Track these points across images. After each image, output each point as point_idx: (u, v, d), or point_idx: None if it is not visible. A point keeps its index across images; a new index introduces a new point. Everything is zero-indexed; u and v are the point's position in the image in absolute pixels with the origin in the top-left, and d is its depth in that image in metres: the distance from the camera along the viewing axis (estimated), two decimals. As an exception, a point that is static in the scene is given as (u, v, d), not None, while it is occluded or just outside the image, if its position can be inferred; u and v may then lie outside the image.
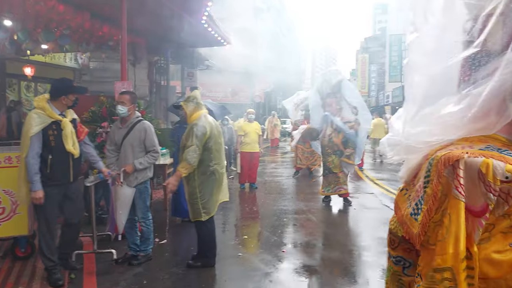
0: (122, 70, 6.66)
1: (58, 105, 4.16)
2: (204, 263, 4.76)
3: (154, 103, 11.21)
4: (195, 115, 4.59)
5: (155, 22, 8.10)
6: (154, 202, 7.79)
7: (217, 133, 4.67)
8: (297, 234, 6.20)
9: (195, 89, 10.68)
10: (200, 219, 4.58)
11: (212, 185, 4.60)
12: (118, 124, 4.78)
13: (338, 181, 7.84)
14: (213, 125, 4.68)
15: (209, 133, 4.51)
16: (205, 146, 4.50)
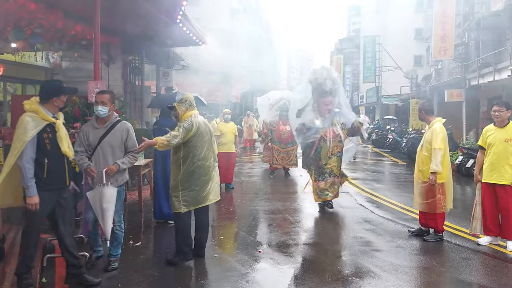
0: (95, 69, 6.55)
1: (50, 107, 4.05)
2: (182, 258, 4.85)
3: (129, 103, 11.05)
4: (186, 114, 4.86)
5: (130, 21, 7.99)
6: (129, 204, 7.70)
7: (204, 132, 4.88)
8: (273, 234, 6.22)
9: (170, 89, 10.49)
10: (180, 211, 4.78)
11: (195, 180, 4.80)
12: (94, 124, 4.60)
13: (333, 186, 7.44)
14: (202, 124, 4.90)
15: (195, 131, 4.75)
16: (189, 141, 4.74)
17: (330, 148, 7.38)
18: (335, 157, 7.44)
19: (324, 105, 7.42)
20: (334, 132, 7.37)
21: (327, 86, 7.40)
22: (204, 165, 4.87)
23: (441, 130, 5.72)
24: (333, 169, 7.43)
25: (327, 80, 7.42)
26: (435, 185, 5.66)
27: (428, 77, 25.15)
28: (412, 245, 5.68)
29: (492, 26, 16.39)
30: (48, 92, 4.09)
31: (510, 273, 4.82)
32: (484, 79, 15.34)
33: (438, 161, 5.57)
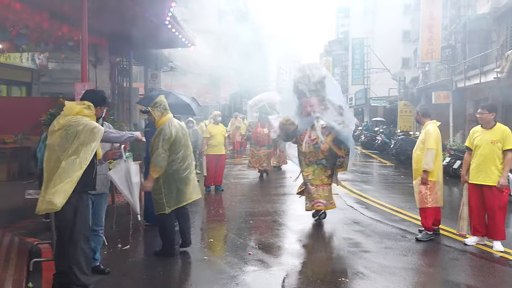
0: (82, 71, 6.50)
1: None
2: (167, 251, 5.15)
3: (117, 105, 10.96)
4: (162, 119, 5.04)
5: (117, 23, 7.94)
6: (117, 207, 7.63)
7: (182, 135, 5.10)
8: (263, 236, 6.21)
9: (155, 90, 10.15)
10: (164, 212, 5.02)
11: (175, 182, 5.05)
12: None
13: (318, 194, 6.66)
14: (179, 128, 5.11)
15: (174, 137, 4.97)
16: (170, 148, 4.97)
17: (308, 154, 6.64)
18: (314, 165, 6.64)
19: (304, 106, 6.71)
20: (310, 137, 6.56)
21: (308, 86, 6.65)
22: (183, 167, 5.08)
23: (434, 131, 5.95)
24: (310, 177, 6.65)
25: (311, 79, 6.66)
26: (427, 182, 5.89)
27: (416, 79, 25.39)
28: (401, 246, 5.71)
29: (478, 29, 16.60)
30: (97, 100, 4.15)
31: (496, 273, 4.88)
32: (471, 81, 15.54)
33: (429, 159, 5.83)
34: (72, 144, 3.74)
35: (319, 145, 6.49)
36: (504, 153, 5.48)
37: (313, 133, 6.53)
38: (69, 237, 3.89)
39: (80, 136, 3.75)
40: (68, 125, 3.80)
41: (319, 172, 6.63)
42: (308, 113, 6.63)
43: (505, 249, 5.45)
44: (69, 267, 3.88)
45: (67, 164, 3.70)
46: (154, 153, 4.90)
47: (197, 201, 8.54)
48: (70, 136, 3.76)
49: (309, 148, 6.59)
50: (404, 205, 8.25)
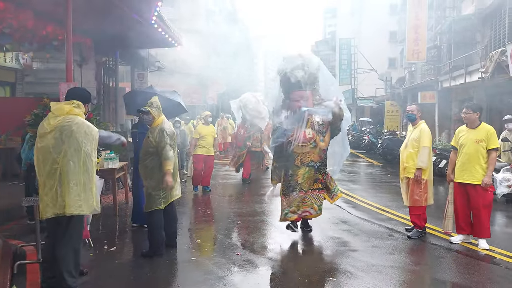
0: (67, 71, 6.42)
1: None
2: (156, 252, 5.18)
3: (102, 105, 10.84)
4: (160, 119, 5.28)
5: (103, 22, 7.85)
6: (103, 208, 7.53)
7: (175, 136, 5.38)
8: (251, 237, 6.20)
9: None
10: (160, 208, 5.18)
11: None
12: None
13: (305, 202, 5.91)
14: (172, 128, 5.39)
15: (172, 138, 5.24)
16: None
17: (300, 155, 5.87)
18: (305, 168, 5.86)
19: (293, 100, 5.98)
20: (305, 135, 5.82)
21: (297, 77, 5.89)
22: (175, 165, 5.31)
23: (429, 131, 6.08)
24: (300, 181, 5.87)
25: (299, 70, 5.92)
26: (420, 180, 5.93)
27: (402, 79, 25.63)
28: (388, 245, 5.75)
29: (463, 29, 16.81)
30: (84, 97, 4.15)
31: (482, 270, 4.94)
32: (456, 81, 15.73)
33: (425, 158, 5.90)
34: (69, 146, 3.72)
35: (316, 144, 5.83)
36: (488, 152, 5.55)
37: (308, 130, 5.80)
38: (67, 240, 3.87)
39: (77, 137, 3.74)
40: (61, 126, 3.78)
41: (309, 176, 5.88)
42: (298, 107, 5.90)
43: (490, 247, 5.53)
44: (61, 271, 3.85)
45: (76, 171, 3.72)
46: (162, 150, 5.04)
47: (185, 202, 8.57)
48: (65, 137, 3.73)
49: (304, 147, 5.83)
50: (391, 204, 8.32)
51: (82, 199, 3.74)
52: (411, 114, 6.21)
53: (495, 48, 13.06)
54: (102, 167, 7.06)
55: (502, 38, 13.14)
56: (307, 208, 5.94)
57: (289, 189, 5.91)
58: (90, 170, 3.79)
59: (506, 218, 7.57)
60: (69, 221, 3.88)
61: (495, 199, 7.34)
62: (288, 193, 5.93)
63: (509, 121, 9.08)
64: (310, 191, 5.93)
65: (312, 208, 5.97)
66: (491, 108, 14.48)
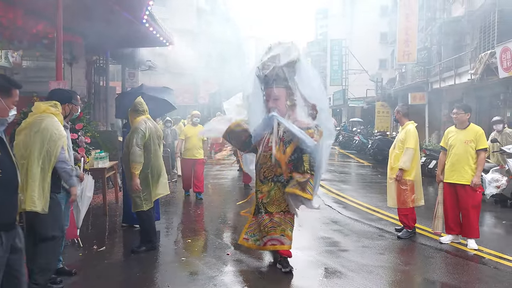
0: (57, 69, 6.37)
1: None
2: (148, 247, 5.29)
3: (93, 104, 10.76)
4: (137, 119, 5.29)
5: (94, 20, 7.76)
6: (93, 207, 7.49)
7: (155, 135, 5.36)
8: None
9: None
10: (143, 209, 5.25)
11: (150, 181, 5.30)
12: (66, 125, 4.46)
13: (273, 227, 4.64)
14: (153, 129, 5.34)
15: (148, 135, 5.22)
16: (145, 147, 5.22)
17: (263, 167, 4.66)
18: (270, 183, 4.62)
19: (267, 99, 4.75)
20: (267, 142, 4.58)
21: (275, 70, 4.63)
22: (156, 164, 5.34)
23: (415, 132, 6.07)
24: (266, 201, 4.64)
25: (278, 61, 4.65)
26: (404, 181, 5.95)
27: (393, 80, 25.81)
28: (378, 245, 5.77)
29: (453, 31, 16.98)
30: (63, 97, 4.20)
31: (470, 270, 4.98)
32: (446, 82, 15.87)
33: (406, 158, 5.91)
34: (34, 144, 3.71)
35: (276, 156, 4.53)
36: (477, 153, 5.60)
37: (273, 138, 4.52)
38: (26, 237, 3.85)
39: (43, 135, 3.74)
40: (33, 123, 3.84)
41: (276, 194, 4.60)
42: (270, 109, 4.67)
43: (478, 247, 5.57)
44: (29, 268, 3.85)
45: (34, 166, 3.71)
46: (130, 150, 5.13)
47: (176, 201, 8.54)
48: (33, 133, 3.79)
49: (264, 157, 4.60)
50: (382, 204, 8.36)
51: (36, 196, 3.72)
52: (395, 117, 6.41)
53: (484, 50, 13.19)
54: (92, 166, 7.01)
55: (491, 40, 13.28)
56: (275, 235, 4.60)
57: (256, 208, 4.75)
58: (46, 169, 3.77)
59: (494, 219, 7.65)
60: (26, 217, 3.87)
61: (484, 200, 7.41)
62: (255, 213, 4.80)
63: (498, 122, 9.18)
64: (280, 214, 4.60)
65: (284, 236, 4.62)
66: (480, 109, 14.63)
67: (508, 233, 6.86)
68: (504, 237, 6.64)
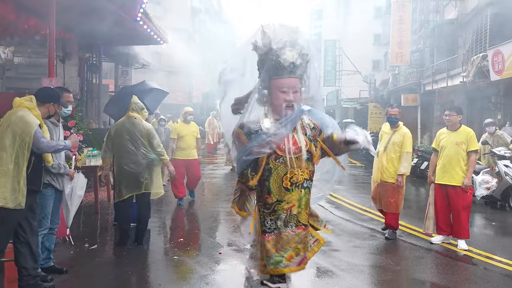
0: (49, 66, 6.33)
1: (42, 110, 4.01)
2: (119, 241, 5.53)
3: (85, 101, 10.70)
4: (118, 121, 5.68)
5: (87, 17, 7.74)
6: (84, 205, 7.45)
7: (125, 132, 5.44)
8: (234, 236, 6.18)
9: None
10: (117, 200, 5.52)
11: (120, 175, 5.44)
12: (55, 122, 4.41)
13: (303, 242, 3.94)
14: (121, 126, 5.52)
15: (113, 134, 5.53)
16: (114, 144, 5.51)
17: (289, 173, 3.82)
18: (299, 191, 3.87)
19: (280, 92, 3.83)
20: (295, 143, 3.82)
21: (288, 59, 3.79)
22: (119, 162, 5.44)
23: (411, 135, 6.02)
24: (295, 211, 3.86)
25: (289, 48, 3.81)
26: (402, 186, 5.90)
27: (386, 81, 25.93)
28: (369, 245, 5.80)
29: (446, 34, 17.10)
30: (48, 96, 4.13)
31: (460, 270, 5.02)
32: (438, 84, 15.98)
33: (407, 164, 5.85)
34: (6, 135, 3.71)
35: (308, 156, 3.87)
36: (468, 155, 5.65)
37: (299, 136, 3.85)
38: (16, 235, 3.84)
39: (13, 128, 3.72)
40: (6, 118, 3.82)
41: (307, 202, 3.95)
42: (288, 105, 3.82)
43: (469, 248, 5.62)
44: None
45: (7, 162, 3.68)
46: None
47: (169, 200, 8.51)
48: (5, 127, 3.75)
49: (297, 162, 3.80)
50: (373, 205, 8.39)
51: (8, 191, 3.68)
52: (395, 118, 5.99)
53: (476, 52, 13.31)
54: (84, 164, 6.97)
55: (483, 43, 13.39)
56: (306, 251, 3.97)
57: (277, 223, 3.85)
58: (21, 164, 3.71)
59: (484, 220, 7.72)
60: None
61: (474, 201, 7.48)
62: (277, 230, 3.85)
63: (490, 124, 9.28)
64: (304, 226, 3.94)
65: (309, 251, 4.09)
66: (471, 111, 14.76)
67: (498, 234, 6.93)
68: (494, 238, 6.70)
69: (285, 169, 3.83)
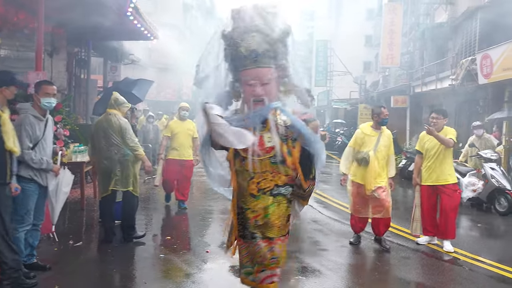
0: (37, 60, 6.25)
1: None
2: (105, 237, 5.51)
3: (73, 97, 10.56)
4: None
5: (76, 11, 7.63)
6: (70, 202, 7.35)
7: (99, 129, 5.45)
8: (221, 234, 6.15)
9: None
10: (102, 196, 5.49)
11: (100, 171, 5.50)
12: (38, 115, 4.25)
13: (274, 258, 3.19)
14: (97, 124, 5.57)
15: (93, 131, 5.61)
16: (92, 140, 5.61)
17: (256, 177, 3.12)
18: (266, 199, 3.14)
19: (247, 85, 3.09)
20: (262, 144, 3.09)
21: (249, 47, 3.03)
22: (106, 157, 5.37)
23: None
24: (260, 221, 3.15)
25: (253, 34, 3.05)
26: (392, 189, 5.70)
27: (376, 83, 26.07)
28: (356, 245, 5.81)
29: (436, 37, 17.26)
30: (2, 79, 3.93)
31: (446, 271, 5.06)
32: (427, 87, 16.12)
33: (393, 167, 5.75)
34: None
35: (281, 159, 3.08)
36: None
37: (267, 135, 3.10)
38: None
39: None
40: None
41: (277, 212, 3.15)
42: (256, 99, 3.05)
43: (454, 249, 5.66)
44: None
45: None
46: None
47: (156, 198, 8.45)
48: None
49: (260, 164, 3.09)
50: (361, 205, 8.42)
51: None
52: (387, 118, 5.74)
53: (465, 56, 13.44)
54: (71, 160, 6.88)
55: (472, 47, 13.53)
56: (277, 269, 3.20)
57: (245, 232, 3.22)
58: None
59: (470, 222, 7.79)
60: None
61: (461, 203, 7.53)
62: (248, 238, 3.21)
63: (478, 127, 9.37)
64: (281, 239, 3.21)
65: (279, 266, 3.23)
66: (460, 114, 14.91)
67: (483, 236, 7.00)
68: (479, 239, 6.76)
69: (251, 172, 3.10)
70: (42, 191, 4.32)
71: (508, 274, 4.90)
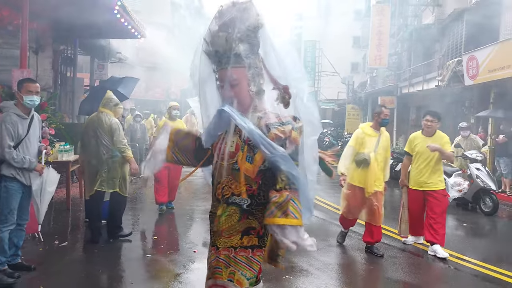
0: (22, 57, 6.13)
1: None
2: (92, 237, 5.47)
3: (59, 95, 10.42)
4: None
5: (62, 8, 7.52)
6: (55, 202, 7.26)
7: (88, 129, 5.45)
8: (209, 234, 6.11)
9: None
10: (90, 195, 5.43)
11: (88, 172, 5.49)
12: (21, 114, 4.16)
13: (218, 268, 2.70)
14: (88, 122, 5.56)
15: (83, 130, 5.61)
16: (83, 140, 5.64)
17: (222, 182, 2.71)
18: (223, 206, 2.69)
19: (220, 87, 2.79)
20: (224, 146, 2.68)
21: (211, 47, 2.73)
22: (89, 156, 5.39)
23: None
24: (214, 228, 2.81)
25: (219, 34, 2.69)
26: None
27: (364, 83, 26.25)
28: (344, 245, 5.83)
29: (423, 38, 17.43)
30: None
31: (432, 270, 5.10)
32: (414, 88, 16.28)
33: (388, 170, 5.64)
34: None
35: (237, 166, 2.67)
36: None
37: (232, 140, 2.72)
38: None
39: None
40: None
41: (226, 221, 2.72)
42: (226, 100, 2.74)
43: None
44: None
45: None
46: None
47: (143, 197, 8.38)
48: None
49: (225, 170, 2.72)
50: (349, 205, 8.46)
51: None
52: (388, 119, 5.51)
53: (452, 57, 13.59)
54: (56, 159, 6.78)
55: (458, 48, 13.69)
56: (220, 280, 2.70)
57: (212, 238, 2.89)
58: None
59: (456, 221, 7.88)
60: None
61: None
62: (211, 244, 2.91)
63: (465, 128, 9.46)
64: (228, 250, 2.74)
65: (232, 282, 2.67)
66: (445, 115, 15.05)
67: (468, 235, 7.08)
68: (465, 239, 6.84)
69: (218, 177, 2.80)
70: (26, 191, 4.24)
71: (493, 273, 4.96)
